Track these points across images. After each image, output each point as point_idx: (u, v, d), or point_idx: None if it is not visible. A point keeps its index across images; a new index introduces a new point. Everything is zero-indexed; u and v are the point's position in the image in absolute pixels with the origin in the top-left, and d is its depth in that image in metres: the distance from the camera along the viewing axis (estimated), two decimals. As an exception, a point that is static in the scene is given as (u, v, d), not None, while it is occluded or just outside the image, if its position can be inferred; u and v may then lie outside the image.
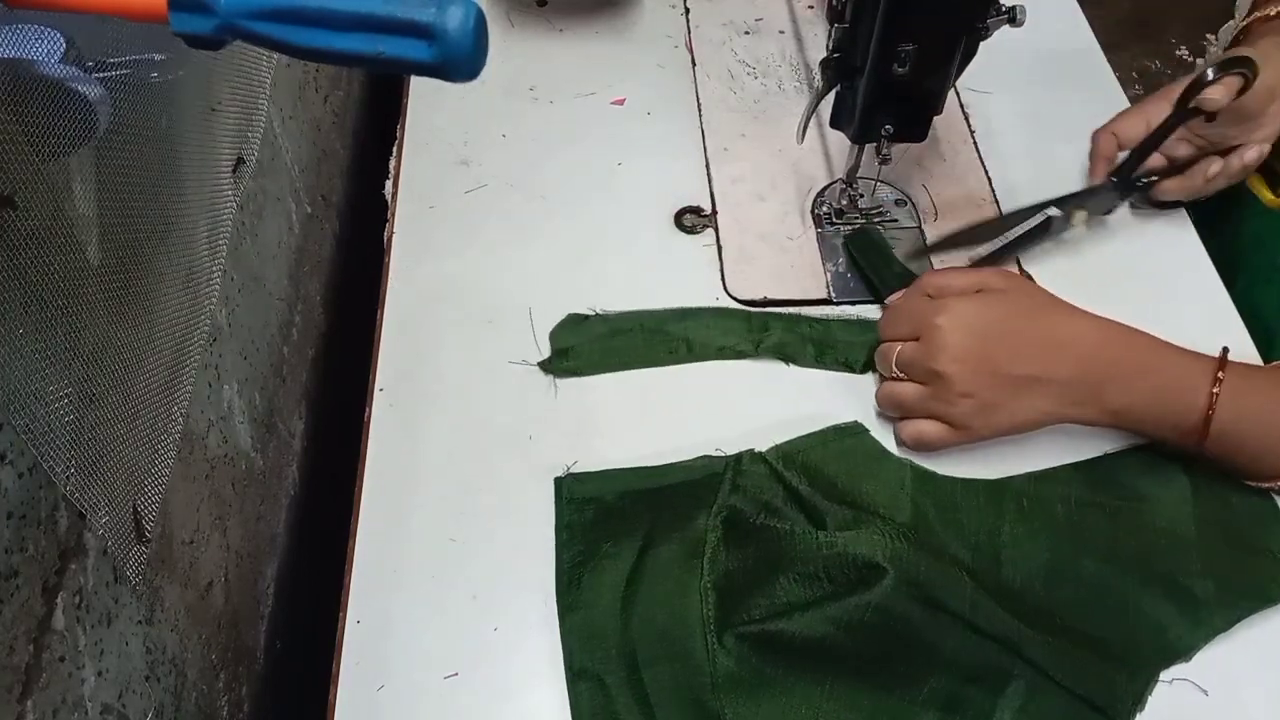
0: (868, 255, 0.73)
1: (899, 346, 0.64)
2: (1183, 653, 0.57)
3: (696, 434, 0.66)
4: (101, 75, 0.44)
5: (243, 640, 0.65)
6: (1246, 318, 0.71)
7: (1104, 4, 0.98)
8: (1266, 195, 0.79)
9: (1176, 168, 0.72)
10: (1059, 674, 0.55)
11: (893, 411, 0.66)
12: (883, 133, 0.69)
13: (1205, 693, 0.56)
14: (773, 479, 0.62)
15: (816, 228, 0.77)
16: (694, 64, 0.89)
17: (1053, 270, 0.73)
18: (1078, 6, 0.94)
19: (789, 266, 0.74)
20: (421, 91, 0.86)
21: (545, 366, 0.68)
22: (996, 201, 0.78)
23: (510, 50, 0.89)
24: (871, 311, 0.72)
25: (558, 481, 0.62)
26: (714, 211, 0.78)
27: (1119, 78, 0.89)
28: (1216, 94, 0.66)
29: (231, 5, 0.33)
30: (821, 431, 0.65)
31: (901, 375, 0.64)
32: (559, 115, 0.84)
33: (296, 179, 0.79)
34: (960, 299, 0.63)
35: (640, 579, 0.59)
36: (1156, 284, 0.73)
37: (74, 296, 0.42)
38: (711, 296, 0.73)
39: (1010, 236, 0.74)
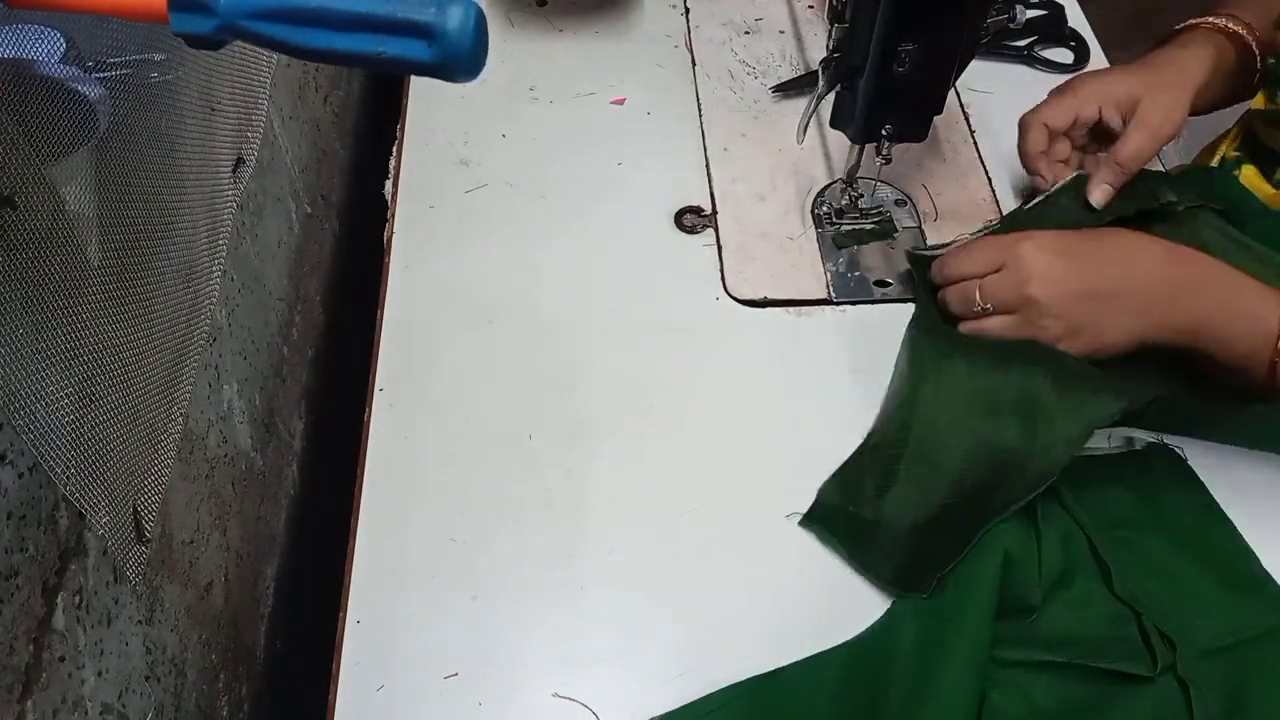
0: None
1: (978, 281, 0.66)
2: None
3: (701, 434, 0.66)
4: (101, 75, 0.44)
5: (243, 640, 0.65)
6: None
7: (1104, 3, 0.98)
8: (1266, 190, 0.79)
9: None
10: None
11: None
12: (883, 133, 0.69)
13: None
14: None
15: (816, 228, 0.77)
16: (694, 64, 0.89)
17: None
18: (1078, 6, 0.94)
19: (789, 266, 0.74)
20: (421, 91, 0.86)
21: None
22: (996, 201, 0.79)
23: (510, 50, 0.89)
24: (874, 311, 0.72)
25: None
26: (714, 211, 0.78)
27: (1119, 78, 0.89)
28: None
29: (231, 5, 0.33)
30: None
31: (987, 308, 0.65)
32: (559, 115, 0.84)
33: (296, 179, 0.79)
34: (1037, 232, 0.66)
35: None
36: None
37: (74, 296, 0.42)
38: (711, 296, 0.72)
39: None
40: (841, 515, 0.62)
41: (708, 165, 0.81)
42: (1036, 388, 0.61)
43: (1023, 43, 0.90)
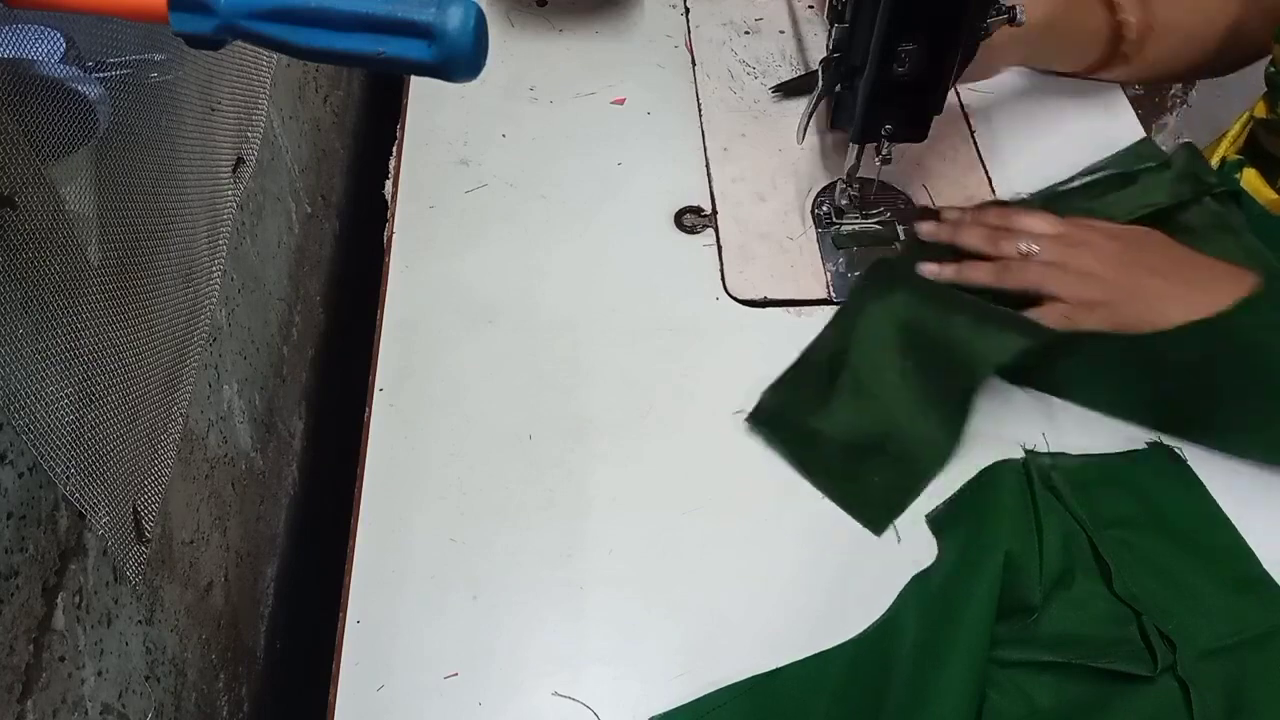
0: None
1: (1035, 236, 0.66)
2: None
3: (701, 434, 0.66)
4: (101, 75, 0.44)
5: (243, 640, 0.65)
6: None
7: (1104, 4, 0.98)
8: (1268, 194, 0.79)
9: None
10: None
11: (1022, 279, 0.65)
12: (883, 133, 0.69)
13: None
14: None
15: (817, 228, 0.77)
16: (694, 64, 0.89)
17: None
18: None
19: (789, 266, 0.74)
20: (421, 91, 0.86)
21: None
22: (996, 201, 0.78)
23: (510, 50, 0.89)
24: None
25: None
26: (714, 211, 0.78)
27: (1119, 77, 0.89)
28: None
29: (231, 5, 0.33)
30: None
31: (1032, 250, 0.65)
32: (559, 115, 0.84)
33: (296, 179, 0.79)
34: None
35: None
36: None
37: (74, 296, 0.42)
38: (712, 296, 0.73)
39: None
40: (782, 421, 0.65)
41: (708, 165, 0.81)
42: (957, 321, 0.64)
43: (1023, 43, 0.90)
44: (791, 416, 0.65)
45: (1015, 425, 0.66)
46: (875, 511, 0.62)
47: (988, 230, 0.68)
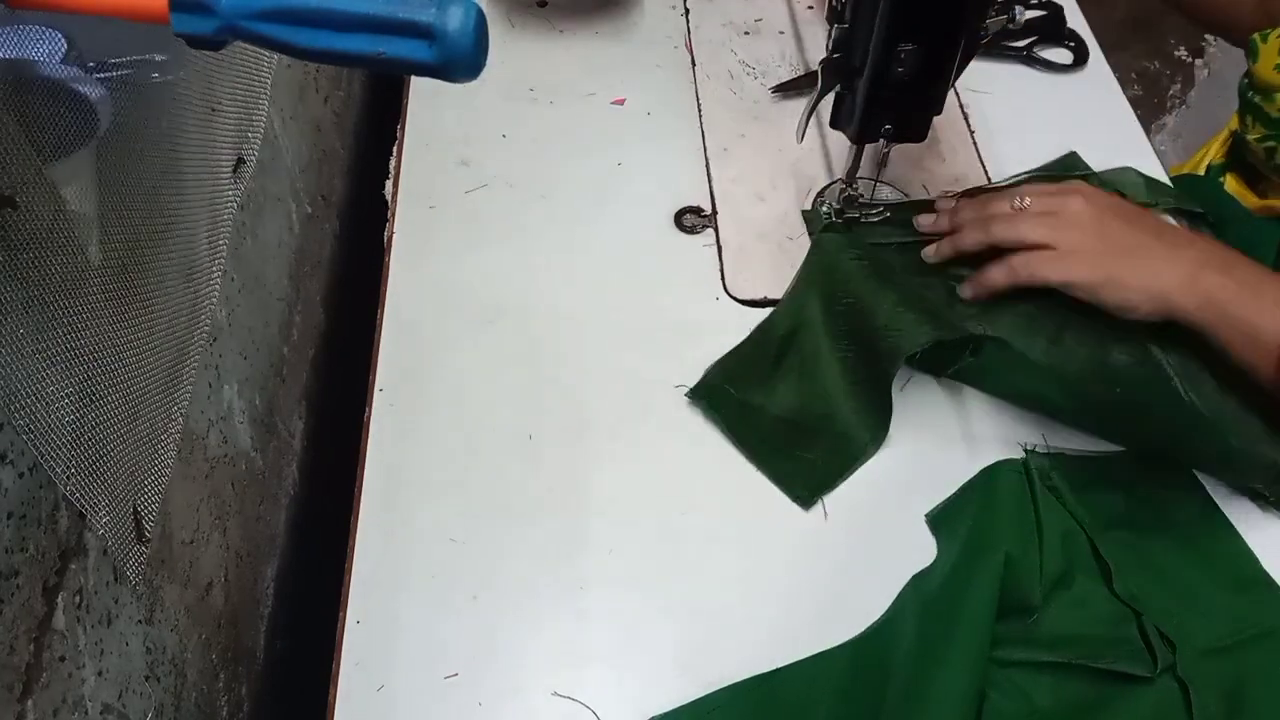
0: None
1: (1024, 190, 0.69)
2: None
3: (701, 434, 0.66)
4: (102, 75, 0.44)
5: (243, 640, 0.65)
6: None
7: (1104, 4, 0.98)
8: (1250, 199, 0.79)
9: None
10: None
11: (1008, 231, 0.67)
12: (883, 133, 0.69)
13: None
14: None
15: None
16: (694, 64, 0.89)
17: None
18: (1078, 7, 0.94)
19: (789, 266, 0.74)
20: (421, 91, 0.86)
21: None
22: (996, 202, 0.78)
23: (510, 50, 0.89)
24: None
25: None
26: (714, 211, 0.78)
27: (1118, 78, 0.89)
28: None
29: (232, 6, 0.33)
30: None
31: (1025, 204, 0.68)
32: (559, 115, 0.84)
33: (296, 179, 0.79)
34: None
35: None
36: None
37: (74, 296, 0.42)
38: (711, 296, 0.73)
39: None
40: (722, 395, 0.66)
41: (708, 165, 0.81)
42: (881, 310, 0.65)
43: (1022, 43, 0.90)
44: (732, 390, 0.66)
45: (1015, 425, 0.66)
46: (805, 488, 0.63)
47: (977, 215, 0.70)
